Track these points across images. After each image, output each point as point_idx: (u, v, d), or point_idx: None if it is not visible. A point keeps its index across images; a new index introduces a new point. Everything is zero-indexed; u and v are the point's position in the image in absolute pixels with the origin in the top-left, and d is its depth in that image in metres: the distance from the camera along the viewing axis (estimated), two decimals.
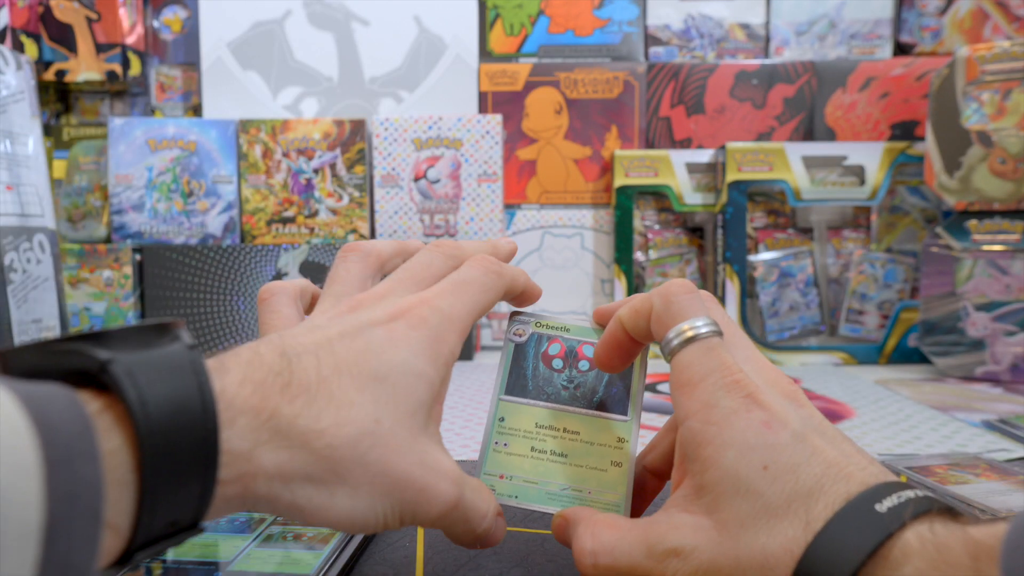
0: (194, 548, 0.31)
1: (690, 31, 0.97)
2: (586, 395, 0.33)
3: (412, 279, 0.30)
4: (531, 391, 0.33)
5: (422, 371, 0.26)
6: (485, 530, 0.28)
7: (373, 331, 0.26)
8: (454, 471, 0.26)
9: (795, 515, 0.23)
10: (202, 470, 0.20)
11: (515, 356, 0.34)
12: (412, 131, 0.91)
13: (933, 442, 0.52)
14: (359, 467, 0.24)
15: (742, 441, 0.25)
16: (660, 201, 0.94)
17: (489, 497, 0.28)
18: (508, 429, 0.32)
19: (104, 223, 0.95)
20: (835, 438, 0.26)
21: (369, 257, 0.32)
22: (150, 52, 0.99)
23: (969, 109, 0.77)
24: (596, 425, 0.33)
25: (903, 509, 0.22)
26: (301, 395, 0.23)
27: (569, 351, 0.34)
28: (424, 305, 0.28)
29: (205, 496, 0.21)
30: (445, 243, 0.32)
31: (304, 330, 0.26)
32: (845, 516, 0.22)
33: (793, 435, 0.25)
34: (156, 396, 0.20)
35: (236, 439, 0.22)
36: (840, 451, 0.25)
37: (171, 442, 0.19)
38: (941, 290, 0.79)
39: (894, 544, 0.21)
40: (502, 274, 0.31)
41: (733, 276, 0.87)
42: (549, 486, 0.31)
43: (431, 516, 0.26)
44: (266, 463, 0.22)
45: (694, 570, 0.25)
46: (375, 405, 0.25)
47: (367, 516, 0.24)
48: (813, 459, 0.25)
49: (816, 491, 0.24)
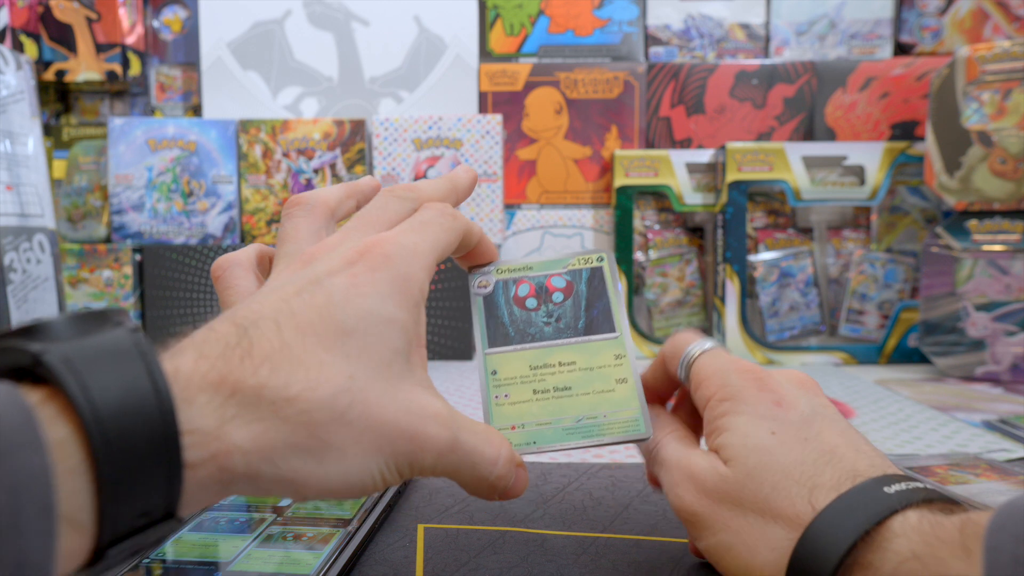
0: (194, 548, 0.31)
1: (690, 31, 0.97)
2: (570, 324, 0.33)
3: (368, 224, 0.28)
4: (514, 337, 0.32)
5: (392, 316, 0.25)
6: (499, 476, 0.27)
7: (332, 281, 0.24)
8: (444, 413, 0.25)
9: (801, 478, 0.25)
10: (164, 453, 0.19)
11: (487, 308, 0.33)
12: (412, 131, 0.91)
13: (933, 442, 0.52)
14: (342, 427, 0.22)
15: (753, 411, 0.27)
16: (660, 201, 0.94)
17: (499, 442, 0.27)
18: (504, 380, 0.32)
19: (104, 223, 0.95)
20: (845, 429, 0.27)
21: (316, 208, 0.30)
22: (150, 52, 0.99)
23: (969, 109, 0.77)
24: (589, 350, 0.32)
25: (911, 495, 0.23)
26: (263, 364, 0.22)
27: (539, 287, 0.33)
28: (385, 243, 0.26)
29: (173, 481, 0.19)
30: (399, 186, 0.30)
31: (259, 297, 0.25)
32: (856, 492, 0.24)
33: (802, 416, 0.27)
34: (99, 382, 0.18)
35: (199, 418, 0.20)
36: (847, 440, 0.27)
37: (123, 427, 0.18)
38: (941, 290, 0.78)
39: (895, 518, 0.22)
40: (458, 217, 0.30)
41: (733, 276, 0.87)
42: (563, 422, 0.31)
43: (428, 463, 0.24)
44: (238, 439, 0.21)
45: (698, 491, 0.27)
46: (346, 361, 0.23)
47: (363, 477, 0.23)
48: (821, 438, 0.26)
49: (822, 464, 0.25)
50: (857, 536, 0.22)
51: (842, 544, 0.22)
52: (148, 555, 0.21)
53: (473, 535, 0.35)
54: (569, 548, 0.33)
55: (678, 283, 0.94)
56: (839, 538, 0.22)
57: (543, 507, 0.38)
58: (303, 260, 0.26)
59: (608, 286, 0.33)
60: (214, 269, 0.30)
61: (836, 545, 0.22)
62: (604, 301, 0.33)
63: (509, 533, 0.35)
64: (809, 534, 0.23)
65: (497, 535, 0.35)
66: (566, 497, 0.39)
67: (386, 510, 0.36)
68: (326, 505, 0.36)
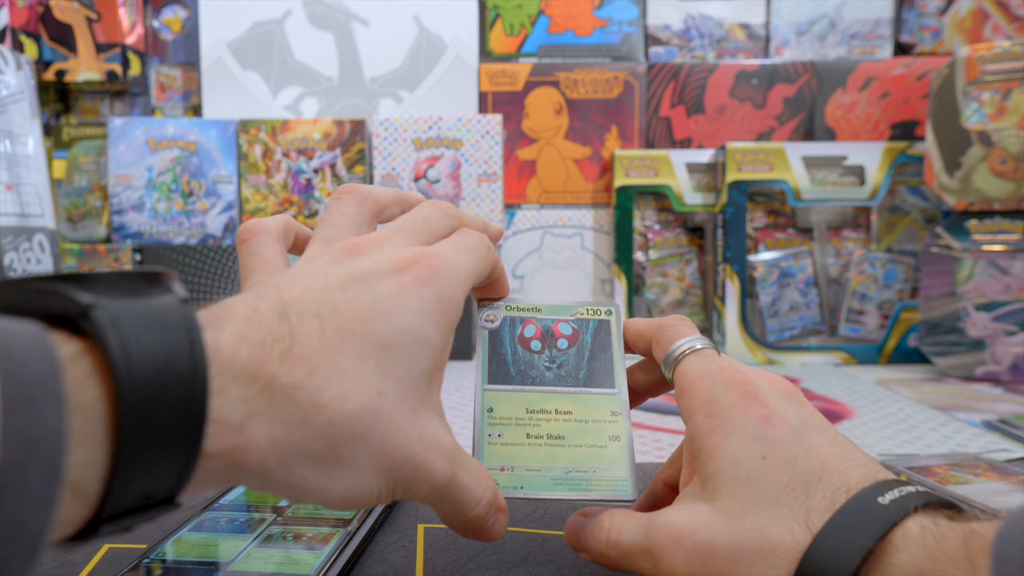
0: (194, 548, 0.31)
1: (690, 31, 0.97)
2: (571, 373, 0.33)
3: (412, 231, 0.28)
4: (515, 377, 0.32)
5: (428, 337, 0.24)
6: (476, 516, 0.26)
7: (379, 285, 0.24)
8: (449, 448, 0.25)
9: (794, 503, 0.24)
10: (186, 438, 0.18)
11: (491, 343, 0.33)
12: (412, 131, 0.91)
13: (933, 442, 0.52)
14: (360, 445, 0.22)
15: (742, 432, 0.26)
16: (660, 201, 0.94)
17: (487, 483, 0.27)
18: (499, 419, 0.31)
19: (104, 223, 0.95)
20: (834, 437, 0.27)
21: (366, 202, 0.29)
22: (150, 52, 0.99)
23: (969, 109, 0.77)
24: (587, 402, 0.32)
25: (906, 501, 0.22)
26: (302, 364, 0.21)
27: (545, 331, 0.33)
28: (433, 257, 0.26)
29: (187, 468, 0.19)
30: (444, 203, 0.30)
31: (302, 279, 0.24)
32: (850, 509, 0.23)
33: (791, 430, 0.26)
34: (142, 349, 0.17)
35: (227, 408, 0.19)
36: (838, 448, 0.26)
37: (154, 403, 0.17)
38: (941, 290, 0.78)
39: (896, 531, 0.22)
40: (492, 248, 0.30)
41: (733, 276, 0.87)
42: (553, 471, 0.30)
43: (422, 492, 0.24)
44: (259, 437, 0.20)
45: (688, 553, 0.25)
46: (379, 376, 0.23)
47: (363, 495, 0.23)
48: (811, 453, 0.25)
49: (814, 482, 0.24)
50: (860, 558, 0.21)
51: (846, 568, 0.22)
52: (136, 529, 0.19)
53: None
54: (569, 548, 0.33)
55: (678, 283, 0.94)
56: (841, 562, 0.22)
57: (543, 507, 0.38)
58: (347, 250, 0.26)
59: (613, 341, 0.33)
60: (241, 232, 0.29)
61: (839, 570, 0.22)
62: (608, 355, 0.33)
63: (509, 533, 0.35)
64: (809, 558, 0.22)
65: None
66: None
67: (386, 510, 0.36)
68: None
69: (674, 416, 0.61)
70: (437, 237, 0.28)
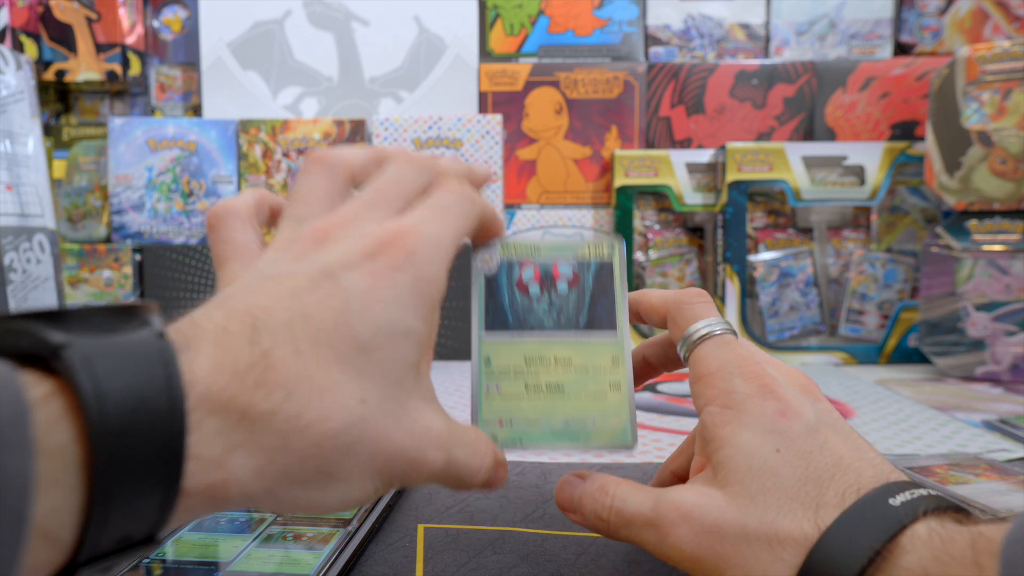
0: (194, 548, 0.31)
1: (690, 31, 0.97)
2: (571, 318, 0.31)
3: (383, 199, 0.26)
4: (512, 324, 0.31)
5: (409, 329, 0.23)
6: (479, 484, 0.26)
7: (349, 279, 0.22)
8: (442, 433, 0.24)
9: (806, 498, 0.24)
10: (164, 479, 0.18)
11: (488, 289, 0.31)
12: (412, 131, 0.91)
13: (933, 442, 0.52)
14: (349, 458, 0.21)
15: (757, 424, 0.26)
16: (660, 201, 0.94)
17: (485, 450, 0.26)
18: (497, 371, 0.30)
19: (104, 223, 0.95)
20: (848, 435, 0.27)
21: (337, 170, 0.27)
22: (150, 52, 0.99)
23: (969, 109, 0.77)
24: (587, 349, 0.31)
25: (917, 504, 0.22)
26: (278, 389, 0.20)
27: (544, 273, 0.32)
28: (407, 236, 0.24)
29: (166, 508, 0.18)
30: (417, 156, 0.28)
31: (270, 284, 0.22)
32: (860, 508, 0.23)
33: (806, 426, 0.26)
34: (116, 389, 0.17)
35: (204, 444, 0.19)
36: (852, 446, 0.26)
37: (129, 444, 0.17)
38: (941, 290, 0.78)
39: (905, 533, 0.22)
40: (476, 201, 0.27)
41: (733, 276, 0.87)
42: (552, 423, 0.30)
43: (418, 480, 0.24)
44: (239, 470, 0.19)
45: (697, 533, 0.25)
46: (359, 381, 0.22)
47: (359, 498, 0.23)
48: (825, 450, 0.25)
49: (827, 480, 0.24)
50: (868, 557, 0.21)
51: (852, 566, 0.21)
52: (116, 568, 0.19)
53: (473, 535, 0.35)
54: (569, 548, 0.33)
55: (678, 283, 0.94)
56: (848, 560, 0.22)
57: (543, 507, 0.38)
58: (315, 237, 0.24)
59: (616, 283, 0.32)
60: (209, 217, 0.27)
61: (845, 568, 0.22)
62: (609, 298, 0.32)
63: (509, 533, 0.35)
64: (815, 555, 0.22)
65: (497, 535, 0.35)
66: None
67: (386, 510, 0.36)
68: None
69: (674, 416, 0.61)
70: (414, 198, 0.26)
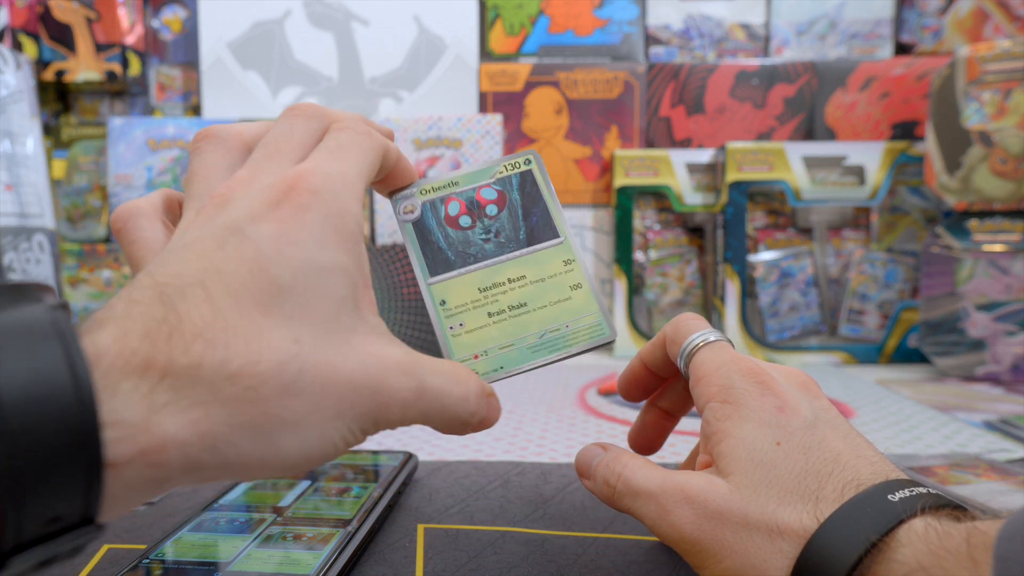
0: (194, 548, 0.31)
1: (690, 31, 0.97)
2: (510, 237, 0.31)
3: (278, 151, 0.25)
4: (455, 261, 0.30)
5: (332, 262, 0.22)
6: (471, 413, 0.25)
7: (257, 230, 0.21)
8: (404, 360, 0.23)
9: (806, 492, 0.24)
10: (80, 451, 0.16)
11: (419, 235, 0.31)
12: (412, 131, 0.91)
13: (933, 442, 0.52)
14: (294, 399, 0.20)
15: (757, 418, 0.26)
16: (660, 201, 0.94)
17: (466, 376, 0.25)
18: (455, 309, 0.30)
19: (104, 223, 0.95)
20: (847, 432, 0.27)
21: (228, 141, 0.26)
22: (150, 52, 0.99)
23: (970, 109, 0.77)
24: (536, 260, 0.31)
25: (915, 501, 0.23)
26: (196, 339, 0.19)
27: (470, 203, 0.31)
28: (308, 175, 0.23)
29: (92, 483, 0.17)
30: (305, 105, 0.27)
31: (177, 253, 0.21)
32: (859, 502, 0.23)
33: (804, 422, 0.26)
34: (6, 364, 0.16)
35: (123, 409, 0.17)
36: (850, 444, 0.26)
37: (30, 418, 0.16)
38: (941, 290, 0.78)
39: (902, 528, 0.22)
40: (373, 134, 0.27)
41: (733, 276, 0.87)
42: (526, 340, 0.29)
43: (394, 416, 0.23)
44: (173, 430, 0.18)
45: (698, 515, 0.25)
46: (288, 323, 0.21)
47: (324, 446, 0.21)
48: (823, 447, 0.26)
49: (826, 475, 0.25)
50: (864, 549, 0.22)
51: (848, 557, 0.22)
52: (63, 562, 0.18)
53: (473, 535, 0.35)
54: (569, 548, 0.33)
55: (678, 283, 0.94)
56: (844, 551, 0.22)
57: (543, 507, 0.38)
58: (216, 203, 0.23)
59: (543, 190, 0.32)
60: (113, 220, 0.26)
61: (841, 559, 0.22)
62: (541, 206, 0.31)
63: (509, 533, 0.35)
64: (812, 546, 0.23)
65: (497, 535, 0.35)
66: (566, 497, 0.39)
67: (386, 510, 0.36)
68: (326, 505, 0.36)
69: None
70: (309, 148, 0.25)
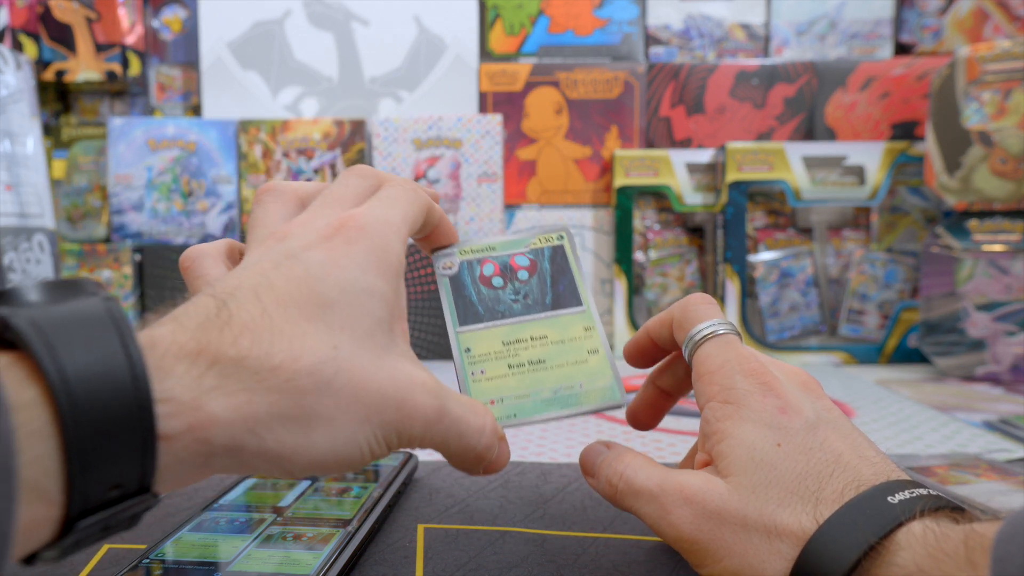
0: (194, 548, 0.31)
1: (690, 31, 0.97)
2: (537, 300, 0.33)
3: (334, 201, 0.28)
4: (484, 315, 0.33)
5: (372, 286, 0.24)
6: (486, 446, 0.27)
7: (310, 255, 0.24)
8: (430, 383, 0.25)
9: (805, 492, 0.24)
10: (136, 422, 0.18)
11: (454, 288, 0.33)
12: (412, 131, 0.91)
13: (934, 442, 0.52)
14: (328, 396, 0.22)
15: (758, 419, 0.26)
16: (660, 201, 0.94)
17: (484, 412, 0.27)
18: (478, 357, 0.32)
19: (104, 223, 0.95)
20: (848, 433, 0.27)
21: (286, 195, 0.29)
22: (150, 52, 0.99)
23: (970, 109, 0.77)
24: (559, 323, 0.33)
25: (915, 503, 0.23)
26: (244, 334, 0.21)
27: (504, 266, 0.34)
28: (358, 216, 0.26)
29: (147, 452, 0.19)
30: (361, 167, 0.30)
31: (236, 272, 0.24)
32: (859, 504, 0.23)
33: (806, 423, 0.26)
34: (68, 346, 0.18)
35: (176, 387, 0.20)
36: (851, 445, 0.26)
37: (92, 392, 0.18)
38: (941, 290, 0.78)
39: (901, 530, 0.22)
40: (420, 192, 0.30)
41: (733, 276, 0.87)
42: (541, 394, 0.31)
43: (416, 432, 0.24)
44: (219, 410, 0.20)
45: (697, 515, 0.25)
46: (329, 331, 0.23)
47: (351, 449, 0.23)
48: (824, 447, 0.26)
49: (826, 476, 0.25)
50: (862, 551, 0.22)
51: (846, 559, 0.22)
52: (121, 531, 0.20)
53: (473, 535, 0.35)
54: (569, 548, 0.33)
55: (678, 283, 0.94)
56: (842, 553, 0.22)
57: (543, 507, 0.38)
58: (276, 237, 0.26)
59: (571, 263, 0.34)
60: (182, 260, 0.29)
61: (839, 561, 0.22)
62: (568, 277, 0.34)
63: (509, 533, 0.35)
64: (811, 548, 0.23)
65: (497, 535, 0.35)
66: (566, 497, 0.39)
67: (386, 510, 0.36)
68: (326, 505, 0.36)
69: (674, 416, 0.61)
70: (362, 200, 0.28)
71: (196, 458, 0.20)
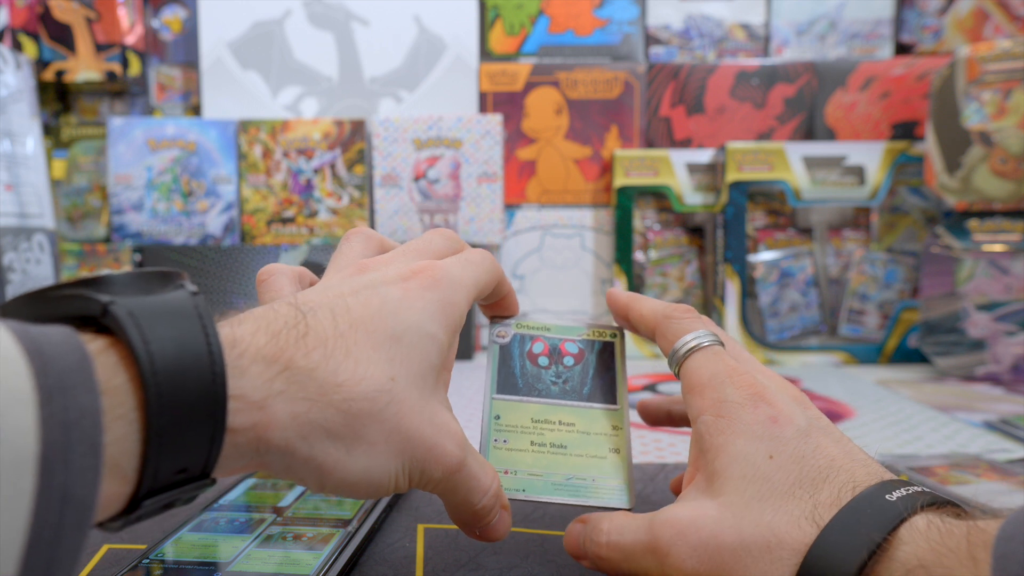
0: (194, 548, 0.31)
1: (690, 31, 0.97)
2: (575, 388, 0.34)
3: (416, 251, 0.30)
4: (522, 388, 0.34)
5: (434, 334, 0.26)
6: (484, 507, 0.27)
7: (387, 290, 0.26)
8: (459, 435, 0.26)
9: (801, 498, 0.24)
10: (210, 414, 0.20)
11: (501, 357, 0.35)
12: (412, 131, 0.91)
13: (934, 442, 0.52)
14: (376, 423, 0.24)
15: (750, 431, 0.26)
16: (660, 201, 0.94)
17: (493, 475, 0.28)
18: (505, 426, 0.33)
19: (104, 223, 0.95)
20: (839, 438, 0.27)
21: (372, 239, 0.32)
22: (150, 52, 0.99)
23: (970, 109, 0.76)
24: (590, 415, 0.33)
25: (914, 499, 0.23)
26: (318, 347, 0.23)
27: (553, 348, 0.35)
28: (436, 268, 0.28)
29: (215, 442, 0.20)
30: (447, 230, 0.32)
31: (316, 290, 0.26)
32: (859, 504, 0.23)
33: (798, 430, 0.26)
34: (159, 336, 0.19)
35: (248, 387, 0.21)
36: (843, 449, 0.26)
37: (176, 382, 0.19)
38: (942, 290, 0.78)
39: (903, 526, 0.22)
40: (497, 265, 0.32)
41: (733, 276, 0.87)
42: (554, 477, 0.31)
43: (436, 476, 0.26)
44: (281, 413, 0.22)
45: (694, 548, 0.25)
46: (390, 364, 0.24)
47: (381, 476, 0.24)
48: (818, 453, 0.26)
49: (820, 480, 0.25)
50: (870, 550, 0.21)
51: (853, 559, 0.21)
52: (176, 506, 0.21)
53: None
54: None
55: (678, 283, 0.94)
56: (849, 553, 0.22)
57: (543, 507, 0.38)
58: (358, 267, 0.28)
59: (617, 362, 0.35)
60: (261, 273, 0.31)
61: (847, 561, 0.22)
62: (611, 374, 0.35)
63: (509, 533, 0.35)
64: (815, 552, 0.22)
65: None
66: None
67: (386, 510, 0.36)
68: (326, 505, 0.36)
69: None
70: (441, 257, 0.30)
71: (253, 452, 0.22)
